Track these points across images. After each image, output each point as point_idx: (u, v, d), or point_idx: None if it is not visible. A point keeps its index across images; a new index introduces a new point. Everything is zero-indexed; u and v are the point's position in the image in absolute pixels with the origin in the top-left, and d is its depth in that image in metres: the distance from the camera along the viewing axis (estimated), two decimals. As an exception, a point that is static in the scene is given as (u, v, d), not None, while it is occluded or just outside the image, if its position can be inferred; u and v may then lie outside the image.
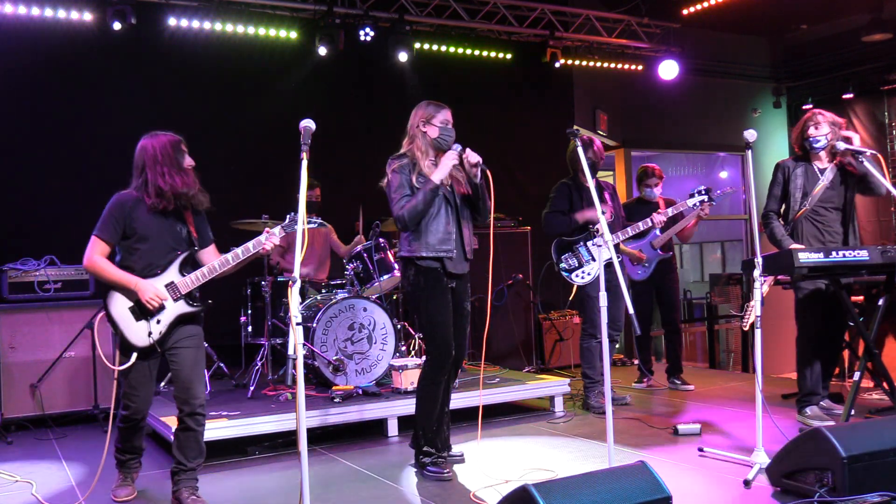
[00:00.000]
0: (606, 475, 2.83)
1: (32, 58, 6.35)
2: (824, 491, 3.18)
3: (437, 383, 4.04)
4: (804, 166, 4.80)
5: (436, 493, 3.73)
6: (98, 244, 3.51)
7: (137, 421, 3.70)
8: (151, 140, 3.59)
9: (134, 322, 3.50)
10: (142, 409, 3.67)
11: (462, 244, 4.07)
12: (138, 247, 3.53)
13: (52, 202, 6.21)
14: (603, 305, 3.56)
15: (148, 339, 3.51)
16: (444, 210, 4.01)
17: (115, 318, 3.51)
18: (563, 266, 5.40)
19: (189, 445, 3.59)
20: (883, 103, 9.87)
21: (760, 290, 3.87)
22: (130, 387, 3.60)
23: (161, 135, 3.62)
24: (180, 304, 3.55)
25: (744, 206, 11.12)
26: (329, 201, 6.61)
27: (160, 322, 3.52)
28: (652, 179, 6.29)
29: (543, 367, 7.37)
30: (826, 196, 4.73)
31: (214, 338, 6.00)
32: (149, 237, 3.53)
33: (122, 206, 3.52)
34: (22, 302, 5.57)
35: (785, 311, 4.87)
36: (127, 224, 3.51)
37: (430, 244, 3.96)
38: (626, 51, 9.09)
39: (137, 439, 3.82)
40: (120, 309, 3.51)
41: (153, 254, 3.53)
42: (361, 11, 7.40)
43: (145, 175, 3.53)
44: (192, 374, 3.55)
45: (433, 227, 3.97)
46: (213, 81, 7.04)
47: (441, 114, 4.10)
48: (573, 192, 5.44)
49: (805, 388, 4.76)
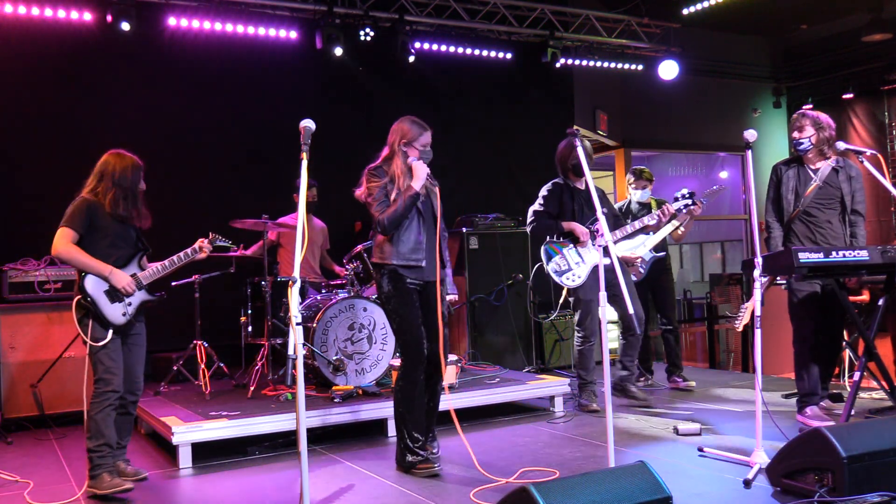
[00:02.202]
0: (606, 475, 2.83)
1: (32, 58, 6.36)
2: (824, 491, 3.17)
3: (412, 382, 4.10)
4: (796, 168, 4.79)
5: (435, 493, 3.74)
6: (69, 233, 3.85)
7: (116, 397, 3.84)
8: (116, 160, 3.99)
9: (109, 303, 3.88)
10: (120, 387, 3.88)
11: (434, 252, 4.17)
12: (102, 242, 3.90)
13: (52, 202, 6.15)
14: (603, 305, 3.55)
15: (123, 318, 3.91)
16: (416, 220, 4.12)
17: (94, 297, 3.85)
18: (553, 268, 5.37)
19: (126, 428, 4.04)
20: (883, 103, 9.88)
21: (760, 291, 3.87)
22: (111, 359, 3.86)
23: (126, 158, 4.01)
24: (143, 293, 4.02)
25: (744, 206, 11.12)
26: (328, 201, 6.62)
27: (130, 305, 3.95)
28: (642, 181, 6.30)
29: (543, 367, 7.36)
30: (819, 195, 4.72)
31: (214, 338, 6.01)
32: (110, 234, 3.92)
33: (88, 210, 3.89)
34: (22, 302, 5.58)
35: (785, 312, 4.86)
36: (92, 220, 3.88)
37: (400, 253, 4.09)
38: (626, 51, 9.09)
39: (108, 427, 3.81)
40: (97, 289, 3.87)
41: (115, 248, 3.94)
42: (361, 11, 7.40)
43: (104, 186, 3.93)
44: (138, 367, 4.03)
45: (405, 237, 4.09)
46: (212, 81, 7.04)
47: (424, 136, 4.16)
48: (564, 194, 5.43)
49: (803, 390, 4.76)
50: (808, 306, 4.72)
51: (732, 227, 11.85)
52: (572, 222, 5.35)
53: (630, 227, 5.50)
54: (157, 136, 6.54)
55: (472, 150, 8.06)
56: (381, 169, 4.13)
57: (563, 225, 5.36)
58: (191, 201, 6.69)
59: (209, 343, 5.83)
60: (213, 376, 5.73)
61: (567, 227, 5.35)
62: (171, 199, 6.33)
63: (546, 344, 7.59)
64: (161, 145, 6.45)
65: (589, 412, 5.42)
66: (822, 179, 4.70)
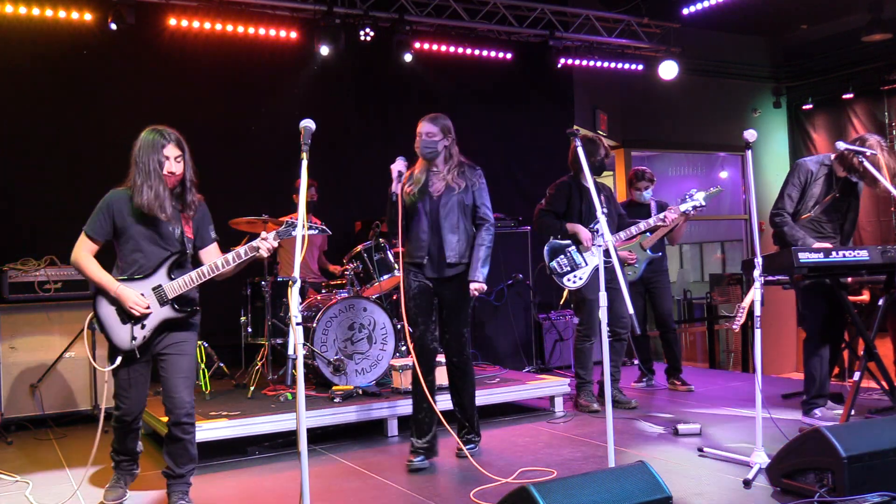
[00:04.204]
0: (606, 475, 2.83)
1: (32, 58, 6.36)
2: (824, 491, 3.17)
3: (420, 378, 4.22)
4: (826, 175, 4.73)
5: (435, 493, 3.74)
6: (85, 241, 3.45)
7: (129, 422, 3.64)
8: (142, 137, 3.44)
9: (119, 325, 3.43)
10: (133, 411, 3.61)
11: (438, 250, 4.25)
12: (127, 247, 3.45)
13: (52, 202, 6.20)
14: (603, 305, 3.55)
15: (130, 344, 3.42)
16: (422, 218, 4.27)
17: (102, 318, 3.45)
18: (556, 269, 5.38)
19: (178, 453, 3.54)
20: (883, 103, 9.86)
21: (760, 291, 3.87)
22: (120, 388, 3.55)
23: (150, 133, 3.45)
24: (166, 310, 3.44)
25: (744, 206, 11.12)
26: (328, 200, 6.61)
27: (145, 327, 3.43)
28: (643, 182, 6.30)
29: (543, 367, 7.36)
30: (833, 202, 4.72)
31: (214, 338, 6.01)
32: (136, 237, 3.42)
33: (109, 205, 3.44)
34: (22, 302, 5.57)
35: (785, 311, 4.87)
36: (115, 222, 3.43)
37: (409, 251, 4.31)
38: (626, 51, 9.08)
39: (131, 441, 3.77)
40: (106, 310, 3.45)
41: (141, 254, 3.43)
42: (361, 11, 7.40)
43: (132, 172, 3.42)
44: (177, 382, 3.46)
45: (412, 235, 4.29)
46: (212, 81, 7.03)
47: (420, 126, 4.32)
48: (573, 193, 5.40)
49: (812, 391, 4.74)
50: (819, 304, 4.71)
51: (732, 227, 11.83)
52: (577, 225, 5.32)
53: (635, 229, 5.49)
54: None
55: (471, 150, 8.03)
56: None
57: (567, 226, 5.34)
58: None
59: (209, 343, 5.83)
60: (213, 376, 5.73)
61: (571, 230, 5.33)
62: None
63: (546, 344, 7.59)
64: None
65: (589, 412, 5.42)
66: (838, 189, 4.70)
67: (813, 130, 10.73)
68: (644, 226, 5.50)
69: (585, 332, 5.44)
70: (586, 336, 5.44)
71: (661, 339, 6.43)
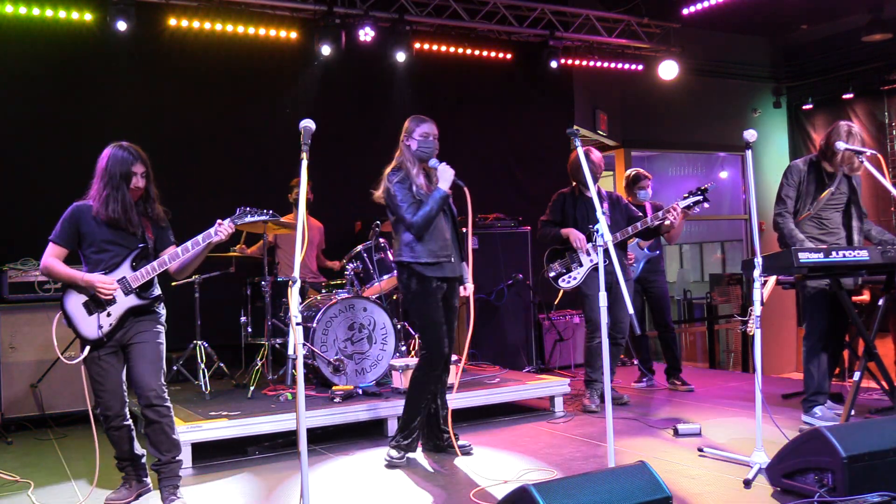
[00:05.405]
0: (606, 475, 2.83)
1: (32, 57, 6.36)
2: (824, 491, 3.17)
3: (429, 380, 4.25)
4: (815, 171, 4.79)
5: (435, 493, 3.74)
6: (52, 248, 3.61)
7: (112, 418, 3.64)
8: (108, 151, 3.65)
9: (86, 316, 3.58)
10: (112, 405, 3.63)
11: (458, 249, 4.35)
12: (91, 250, 3.61)
13: (52, 202, 6.14)
14: (603, 305, 3.55)
15: (98, 332, 3.57)
16: (444, 218, 4.29)
17: (69, 313, 3.60)
18: (552, 274, 5.60)
19: (158, 439, 3.59)
20: (883, 103, 9.87)
21: (761, 291, 3.87)
22: (94, 381, 3.65)
23: (120, 150, 3.64)
24: (131, 298, 3.60)
25: (744, 206, 11.12)
26: (328, 200, 6.61)
27: (110, 315, 3.58)
28: (643, 182, 6.31)
29: (543, 367, 7.36)
30: (830, 198, 4.75)
31: (214, 338, 6.01)
32: (100, 241, 3.60)
33: (73, 214, 3.63)
34: (22, 302, 5.57)
35: (785, 311, 4.87)
36: (80, 230, 3.61)
37: (432, 250, 4.23)
38: (625, 51, 9.09)
39: (126, 444, 3.75)
40: (74, 304, 3.60)
41: (106, 254, 3.61)
42: (361, 11, 7.40)
43: (97, 185, 3.62)
44: (142, 367, 3.57)
45: (435, 234, 4.24)
46: (212, 82, 7.03)
47: (420, 127, 4.30)
48: (567, 202, 5.59)
49: (811, 388, 4.75)
50: (822, 302, 4.71)
51: (732, 227, 11.83)
52: (570, 228, 5.49)
53: (631, 229, 5.49)
54: (156, 136, 6.52)
55: (471, 149, 8.06)
56: (398, 168, 4.29)
57: (561, 232, 5.52)
58: (189, 201, 6.67)
59: (209, 343, 5.83)
60: (213, 376, 5.73)
61: (564, 234, 5.51)
62: (170, 199, 6.31)
63: (546, 344, 7.59)
64: (160, 145, 6.42)
65: (589, 412, 5.44)
66: (835, 185, 4.73)
67: (813, 130, 10.73)
68: (641, 225, 5.50)
69: (590, 329, 5.53)
70: (592, 333, 5.49)
71: (660, 339, 6.43)
